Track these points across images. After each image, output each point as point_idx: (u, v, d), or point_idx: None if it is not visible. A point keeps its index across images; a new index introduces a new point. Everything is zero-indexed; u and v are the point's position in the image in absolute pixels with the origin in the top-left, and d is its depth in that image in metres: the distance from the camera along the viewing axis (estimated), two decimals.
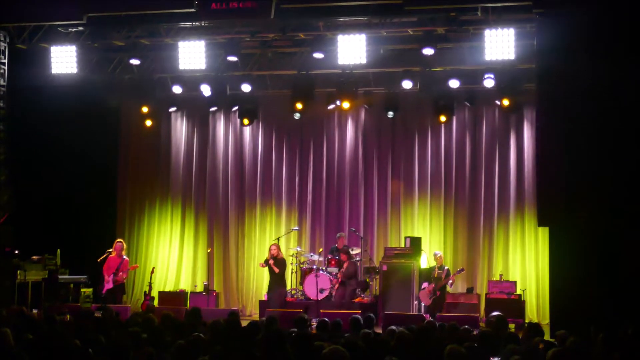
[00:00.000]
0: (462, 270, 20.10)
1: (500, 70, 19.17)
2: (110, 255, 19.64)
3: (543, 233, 19.89)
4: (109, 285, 19.34)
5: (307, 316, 13.92)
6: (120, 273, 19.45)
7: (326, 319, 12.03)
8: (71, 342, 8.27)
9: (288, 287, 20.93)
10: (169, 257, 23.64)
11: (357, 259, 20.80)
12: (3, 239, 19.78)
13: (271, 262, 19.76)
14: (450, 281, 19.50)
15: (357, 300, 19.91)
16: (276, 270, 19.78)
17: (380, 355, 8.40)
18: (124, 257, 19.80)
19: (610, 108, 15.17)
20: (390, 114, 21.27)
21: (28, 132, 21.23)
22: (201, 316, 12.40)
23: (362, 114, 22.79)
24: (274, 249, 20.02)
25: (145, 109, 21.88)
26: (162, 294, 21.81)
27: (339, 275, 20.13)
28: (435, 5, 17.83)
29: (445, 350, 7.78)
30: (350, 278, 20.17)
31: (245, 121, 21.97)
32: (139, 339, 9.06)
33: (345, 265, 20.21)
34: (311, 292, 19.86)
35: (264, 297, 21.03)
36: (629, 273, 14.90)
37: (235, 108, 22.15)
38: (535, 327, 11.10)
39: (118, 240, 20.26)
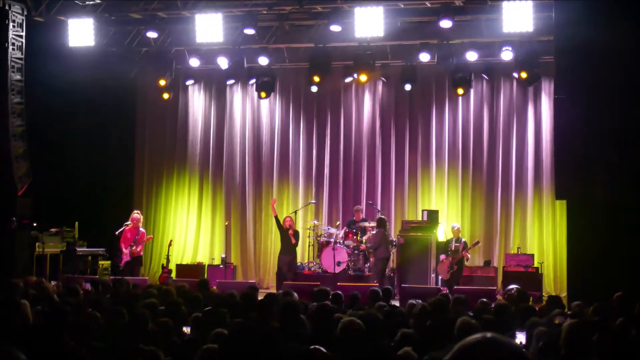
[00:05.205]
0: (477, 243, 20.05)
1: (518, 42, 19.09)
2: (128, 227, 19.56)
3: (560, 206, 19.79)
4: (126, 257, 19.23)
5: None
6: (135, 246, 19.33)
7: (339, 292, 12.05)
8: (88, 313, 8.32)
9: (305, 259, 21.00)
10: (186, 230, 23.72)
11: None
12: (21, 210, 19.86)
13: (291, 232, 19.67)
14: (467, 256, 19.44)
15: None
16: (293, 241, 19.71)
17: (395, 328, 8.41)
18: (141, 228, 19.69)
19: (629, 80, 15.05)
20: (408, 87, 21.23)
21: (45, 105, 21.26)
22: (209, 287, 12.56)
23: (380, 87, 22.73)
24: (290, 220, 19.97)
25: (162, 82, 21.89)
26: (179, 266, 21.92)
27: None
28: None
29: (457, 323, 7.75)
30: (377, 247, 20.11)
31: (263, 94, 21.95)
32: (157, 311, 9.10)
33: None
34: (328, 265, 19.88)
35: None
36: None
37: (253, 81, 22.19)
38: (556, 300, 11.10)
39: (135, 211, 20.09)
